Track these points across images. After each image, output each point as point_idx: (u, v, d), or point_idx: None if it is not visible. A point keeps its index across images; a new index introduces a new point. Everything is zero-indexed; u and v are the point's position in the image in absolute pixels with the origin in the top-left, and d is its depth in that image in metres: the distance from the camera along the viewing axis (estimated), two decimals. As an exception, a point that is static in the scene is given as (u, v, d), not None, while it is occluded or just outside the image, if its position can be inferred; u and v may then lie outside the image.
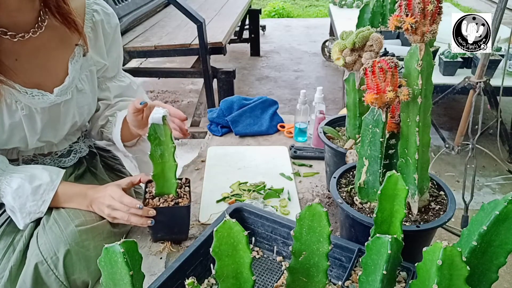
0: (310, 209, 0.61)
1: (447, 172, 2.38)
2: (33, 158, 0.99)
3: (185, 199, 0.90)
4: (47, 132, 0.93)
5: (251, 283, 0.59)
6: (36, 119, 0.89)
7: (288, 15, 6.70)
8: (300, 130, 1.39)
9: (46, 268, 0.82)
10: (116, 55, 1.05)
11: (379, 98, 0.71)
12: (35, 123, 0.89)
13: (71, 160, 1.04)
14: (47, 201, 0.87)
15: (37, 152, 0.98)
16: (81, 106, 0.97)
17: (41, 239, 0.85)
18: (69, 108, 0.94)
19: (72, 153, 1.05)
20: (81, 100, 0.96)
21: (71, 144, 1.04)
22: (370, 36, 0.93)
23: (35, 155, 0.99)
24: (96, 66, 0.99)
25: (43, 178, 0.88)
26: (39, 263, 0.83)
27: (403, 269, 0.70)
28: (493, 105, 2.10)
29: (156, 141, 0.86)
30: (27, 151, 0.96)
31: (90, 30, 0.95)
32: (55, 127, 0.94)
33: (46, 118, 0.90)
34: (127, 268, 0.53)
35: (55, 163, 1.01)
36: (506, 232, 0.55)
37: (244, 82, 3.86)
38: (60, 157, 1.02)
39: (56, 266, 0.83)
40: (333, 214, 1.04)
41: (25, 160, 0.98)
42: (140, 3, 3.04)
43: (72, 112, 0.95)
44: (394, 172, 0.64)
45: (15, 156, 0.96)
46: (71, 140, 1.04)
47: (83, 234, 0.86)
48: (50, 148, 1.00)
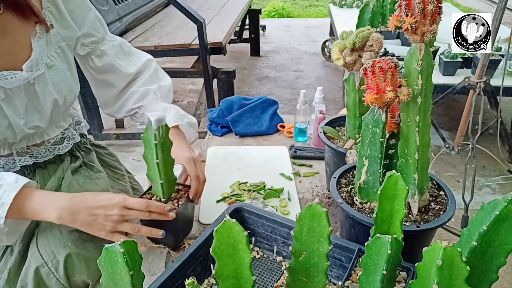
0: (310, 209, 0.61)
1: (447, 172, 2.38)
2: (27, 150, 0.94)
3: (175, 204, 0.88)
4: (31, 115, 0.88)
5: (251, 283, 0.59)
6: (15, 102, 0.85)
7: (288, 15, 6.70)
8: (300, 130, 1.39)
9: (47, 271, 0.82)
10: (89, 18, 0.98)
11: (379, 98, 0.71)
12: (15, 106, 0.85)
13: (65, 146, 1.01)
14: (6, 203, 0.74)
15: (30, 143, 0.94)
16: (57, 83, 0.92)
17: (40, 241, 0.85)
18: (45, 86, 0.89)
19: (65, 140, 1.02)
20: (55, 76, 0.91)
21: (63, 131, 1.01)
22: (370, 36, 0.93)
23: (28, 147, 0.94)
24: (67, 41, 0.94)
25: (7, 179, 0.78)
26: (40, 266, 0.82)
27: (403, 269, 0.70)
28: (493, 105, 2.10)
29: (150, 144, 0.83)
30: (18, 142, 0.92)
31: (50, 5, 0.89)
32: (37, 109, 0.89)
33: (24, 100, 0.86)
34: (127, 268, 0.53)
35: (50, 152, 0.98)
36: (506, 232, 0.55)
37: (244, 82, 3.87)
38: (54, 144, 0.99)
39: (56, 269, 0.82)
40: (333, 214, 1.04)
41: (19, 153, 0.93)
42: (140, 3, 3.04)
43: (49, 90, 0.90)
44: (394, 172, 0.64)
45: (7, 150, 0.92)
46: (62, 127, 1.01)
47: (83, 235, 0.86)
48: (41, 137, 0.96)
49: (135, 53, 1.12)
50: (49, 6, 0.89)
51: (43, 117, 0.91)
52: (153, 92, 1.07)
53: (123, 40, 1.10)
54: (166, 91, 1.11)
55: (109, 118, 2.96)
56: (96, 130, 2.76)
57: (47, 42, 0.89)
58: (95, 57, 1.02)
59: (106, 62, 1.03)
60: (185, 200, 0.89)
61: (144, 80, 1.09)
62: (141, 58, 1.11)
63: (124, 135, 2.80)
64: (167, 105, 1.08)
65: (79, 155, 1.07)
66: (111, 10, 2.60)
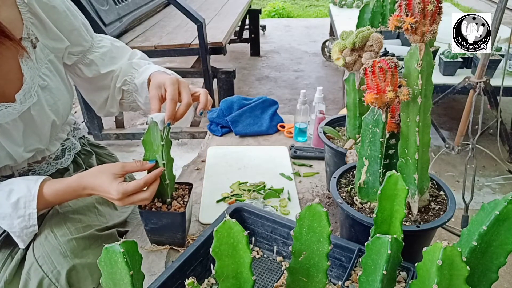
0: (310, 209, 0.61)
1: (447, 172, 2.38)
2: (29, 168, 0.93)
3: (178, 205, 0.88)
4: (30, 140, 0.86)
5: (251, 283, 0.59)
6: (11, 133, 0.82)
7: (288, 15, 6.70)
8: (300, 130, 1.39)
9: (48, 282, 0.81)
10: (76, 27, 0.91)
11: (379, 98, 0.71)
12: (12, 136, 0.82)
13: (67, 159, 1.00)
14: (33, 213, 0.80)
15: (31, 161, 0.93)
16: (53, 103, 0.88)
17: (37, 251, 0.83)
18: (41, 110, 0.86)
19: (66, 152, 1.00)
20: (50, 97, 0.87)
21: (63, 143, 0.99)
22: (370, 36, 0.93)
23: (29, 165, 0.93)
24: (56, 53, 0.89)
25: (20, 191, 0.80)
26: (42, 278, 0.81)
27: (403, 269, 0.70)
28: (493, 105, 2.10)
29: (152, 147, 0.83)
30: (19, 164, 0.90)
31: (30, 15, 0.82)
32: (35, 133, 0.87)
33: (21, 127, 0.83)
34: (127, 268, 0.53)
35: (52, 166, 0.97)
36: (506, 232, 0.55)
37: (244, 82, 3.86)
38: (56, 159, 0.97)
39: (58, 279, 0.82)
40: (333, 214, 1.04)
41: (20, 172, 0.92)
42: (140, 3, 3.04)
43: (46, 114, 0.87)
44: (394, 172, 0.64)
45: (9, 171, 0.90)
46: (61, 139, 0.99)
47: (81, 243, 0.86)
48: (42, 154, 0.94)
49: (124, 54, 1.05)
50: (30, 17, 0.82)
51: (42, 139, 0.90)
52: (128, 62, 1.01)
53: (113, 44, 1.03)
54: (139, 54, 1.05)
55: (109, 118, 2.96)
56: (96, 130, 2.76)
57: (36, 59, 0.84)
58: (83, 66, 0.97)
59: (97, 72, 0.98)
60: (189, 198, 0.90)
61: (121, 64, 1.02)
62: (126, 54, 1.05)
63: (124, 135, 2.80)
64: (146, 62, 1.00)
65: (81, 161, 1.06)
66: (111, 10, 2.60)
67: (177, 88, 0.86)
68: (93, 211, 0.97)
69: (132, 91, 1.00)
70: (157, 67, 0.98)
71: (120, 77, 0.99)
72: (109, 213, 1.01)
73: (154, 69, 0.96)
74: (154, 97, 0.86)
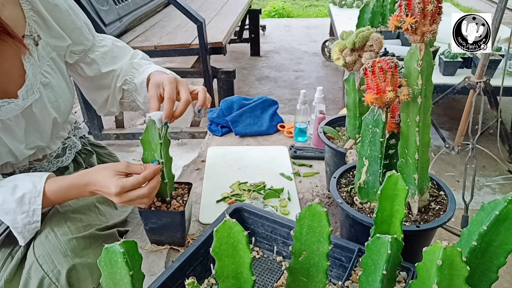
0: (310, 209, 0.61)
1: (447, 172, 2.38)
2: (30, 166, 0.94)
3: (177, 204, 0.88)
4: (31, 137, 0.87)
5: (251, 283, 0.59)
6: (13, 129, 0.82)
7: (288, 15, 6.70)
8: (300, 130, 1.39)
9: (48, 282, 0.81)
10: (78, 26, 0.92)
11: (379, 98, 0.71)
12: (13, 132, 0.83)
13: (68, 158, 1.00)
14: (38, 209, 0.80)
15: (32, 159, 0.93)
16: (54, 100, 0.89)
17: (38, 250, 0.83)
18: (42, 107, 0.86)
19: (67, 150, 1.00)
20: (52, 94, 0.88)
21: (64, 141, 1.00)
22: (370, 36, 0.93)
23: (30, 162, 0.94)
24: (58, 51, 0.89)
25: (25, 187, 0.79)
26: (42, 278, 0.81)
27: (403, 269, 0.70)
28: (493, 105, 2.10)
29: (150, 146, 0.83)
30: (20, 161, 0.91)
31: (33, 13, 0.83)
32: (36, 130, 0.87)
33: (23, 124, 0.84)
34: (127, 268, 0.53)
35: (53, 165, 0.98)
36: (506, 232, 0.55)
37: (244, 82, 3.86)
38: (57, 157, 0.98)
39: (58, 279, 0.82)
40: (333, 214, 1.04)
41: (21, 170, 0.92)
42: (140, 3, 3.04)
43: (47, 111, 0.88)
44: (394, 172, 0.64)
45: (10, 169, 0.91)
46: (62, 137, 0.99)
47: (81, 242, 0.86)
48: (43, 152, 0.94)
49: (125, 54, 1.05)
50: (32, 15, 0.83)
51: (44, 136, 0.90)
52: (129, 62, 1.02)
53: (114, 43, 1.04)
54: (140, 54, 1.06)
55: (109, 118, 2.96)
56: (96, 130, 2.76)
57: (39, 56, 0.85)
58: (85, 65, 0.98)
59: (98, 71, 0.99)
60: (188, 197, 0.90)
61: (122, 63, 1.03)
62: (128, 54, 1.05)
63: (124, 135, 2.80)
64: (146, 62, 1.00)
65: (81, 160, 1.06)
66: (111, 10, 2.60)
67: (175, 86, 0.86)
68: (93, 210, 0.97)
69: (132, 90, 1.00)
70: (157, 67, 0.99)
71: (120, 77, 1.00)
72: (110, 212, 1.01)
73: (153, 69, 0.96)
74: (152, 97, 0.86)
